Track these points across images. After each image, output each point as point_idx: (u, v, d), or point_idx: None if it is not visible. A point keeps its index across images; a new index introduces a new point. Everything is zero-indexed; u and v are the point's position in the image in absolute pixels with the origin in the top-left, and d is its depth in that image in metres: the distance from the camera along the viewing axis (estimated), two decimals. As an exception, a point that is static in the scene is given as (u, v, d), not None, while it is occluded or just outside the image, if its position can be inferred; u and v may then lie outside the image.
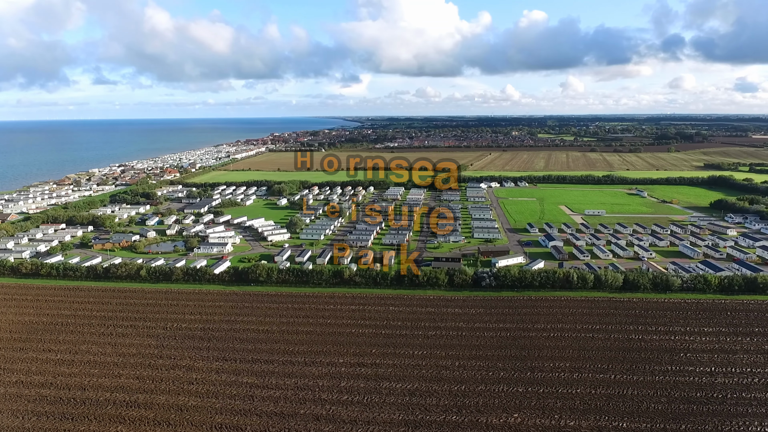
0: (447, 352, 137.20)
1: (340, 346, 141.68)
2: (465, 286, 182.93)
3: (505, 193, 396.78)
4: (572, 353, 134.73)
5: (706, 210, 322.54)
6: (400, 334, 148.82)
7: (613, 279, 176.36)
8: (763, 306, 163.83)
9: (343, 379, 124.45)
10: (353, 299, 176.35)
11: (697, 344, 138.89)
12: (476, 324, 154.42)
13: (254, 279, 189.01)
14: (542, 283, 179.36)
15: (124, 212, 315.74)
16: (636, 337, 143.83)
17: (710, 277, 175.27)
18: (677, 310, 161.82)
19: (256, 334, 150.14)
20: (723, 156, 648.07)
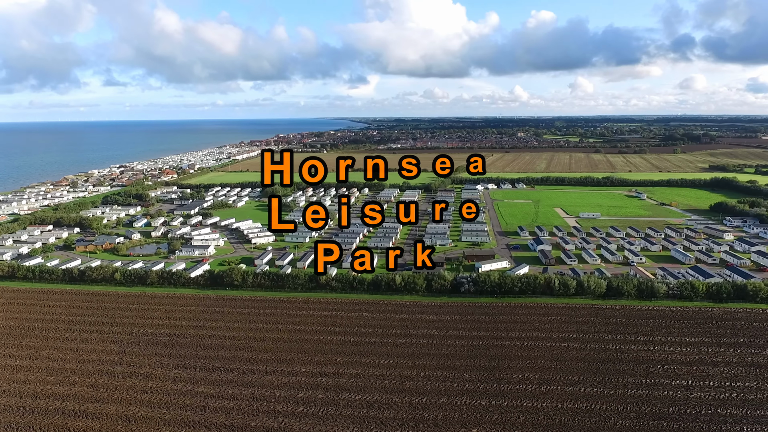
0: (414, 361, 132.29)
1: (305, 354, 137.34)
2: (443, 292, 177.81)
3: (501, 195, 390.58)
4: (544, 364, 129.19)
5: (706, 213, 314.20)
6: (369, 341, 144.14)
7: (596, 285, 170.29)
8: (751, 315, 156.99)
9: (302, 390, 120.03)
10: (328, 304, 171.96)
11: (676, 355, 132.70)
12: (449, 332, 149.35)
13: (229, 283, 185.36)
14: (522, 289, 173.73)
15: (114, 214, 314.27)
16: (613, 347, 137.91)
17: (698, 283, 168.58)
18: (661, 318, 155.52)
19: (221, 341, 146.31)
20: (730, 157, 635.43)
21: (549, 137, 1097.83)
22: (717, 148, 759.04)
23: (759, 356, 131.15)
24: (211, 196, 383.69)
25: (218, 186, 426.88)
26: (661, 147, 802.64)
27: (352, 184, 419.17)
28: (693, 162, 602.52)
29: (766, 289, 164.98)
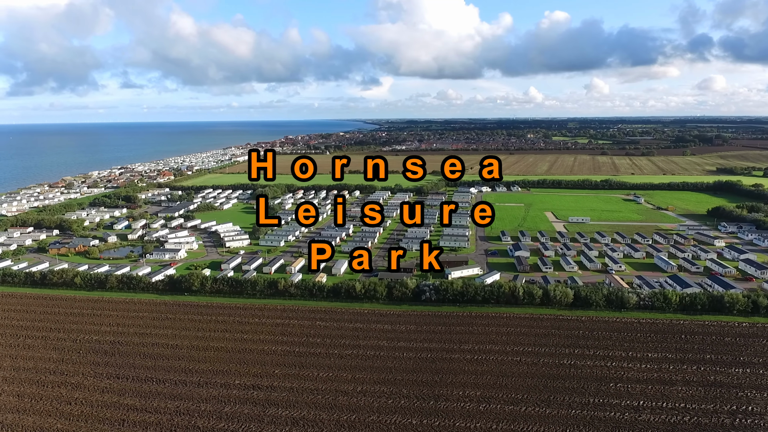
0: (354, 374, 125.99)
1: (244, 365, 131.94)
2: (405, 300, 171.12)
3: (493, 198, 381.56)
4: (489, 380, 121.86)
5: (702, 218, 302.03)
6: (314, 352, 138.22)
7: (563, 295, 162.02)
8: (725, 328, 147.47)
9: (229, 404, 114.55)
10: (283, 312, 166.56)
11: (633, 372, 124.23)
12: (400, 343, 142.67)
13: (188, 288, 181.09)
14: (486, 297, 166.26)
15: (98, 216, 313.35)
16: (568, 362, 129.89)
17: (671, 294, 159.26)
18: (627, 332, 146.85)
19: (163, 350, 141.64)
20: (740, 160, 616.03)
21: (558, 139, 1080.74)
22: (729, 150, 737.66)
23: (723, 375, 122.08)
24: (200, 198, 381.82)
25: (210, 188, 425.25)
26: (671, 149, 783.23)
27: (344, 186, 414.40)
28: (701, 164, 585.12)
29: (745, 301, 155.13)
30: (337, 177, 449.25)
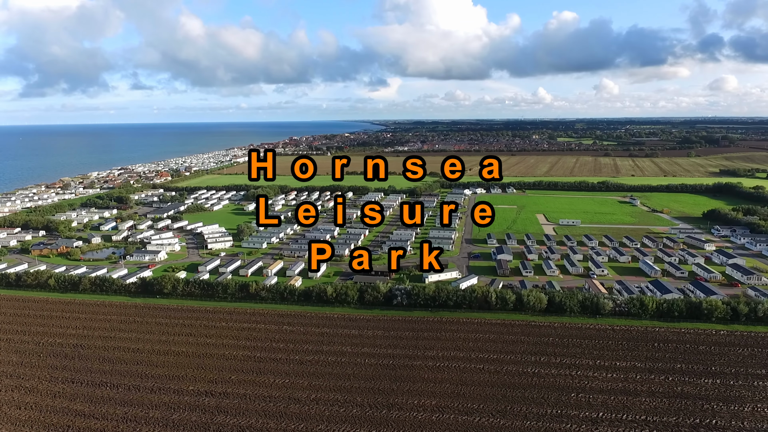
0: (311, 381, 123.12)
1: (201, 371, 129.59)
2: (376, 304, 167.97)
3: (487, 200, 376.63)
4: (447, 388, 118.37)
5: (697, 221, 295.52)
6: (275, 358, 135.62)
7: (536, 300, 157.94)
8: (700, 336, 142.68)
9: (179, 411, 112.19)
10: (251, 316, 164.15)
11: (598, 382, 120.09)
12: (364, 349, 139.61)
13: (159, 291, 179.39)
14: (458, 302, 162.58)
15: (87, 217, 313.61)
16: (532, 370, 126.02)
17: (647, 300, 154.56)
18: (598, 339, 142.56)
19: (124, 354, 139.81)
20: (746, 161, 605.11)
21: (563, 140, 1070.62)
22: (735, 152, 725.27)
23: (690, 386, 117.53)
24: (192, 199, 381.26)
25: (204, 189, 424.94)
26: (676, 150, 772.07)
27: (338, 187, 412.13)
28: (704, 166, 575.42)
29: (724, 308, 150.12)
30: (337, 177, 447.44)
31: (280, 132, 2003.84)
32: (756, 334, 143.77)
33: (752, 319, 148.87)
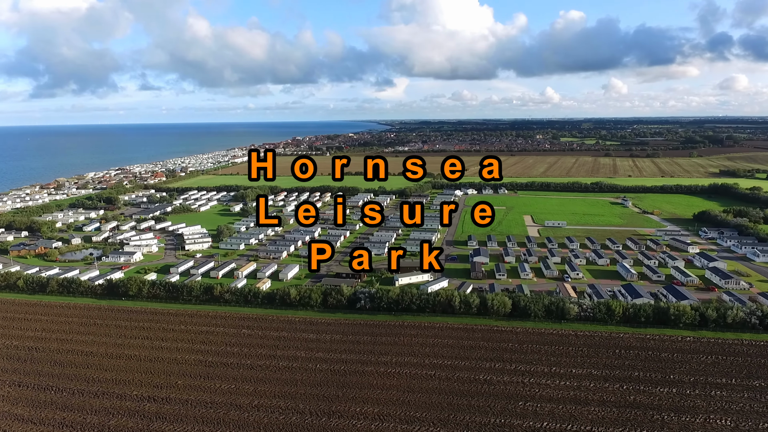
0: (257, 387, 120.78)
1: (149, 375, 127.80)
2: (340, 308, 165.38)
3: (476, 201, 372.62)
4: (394, 395, 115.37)
5: (687, 222, 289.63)
6: (227, 362, 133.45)
7: (500, 305, 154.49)
8: (665, 343, 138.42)
9: (117, 416, 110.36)
10: (213, 319, 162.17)
11: (549, 390, 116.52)
12: (318, 354, 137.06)
13: (125, 293, 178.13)
14: (421, 306, 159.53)
15: (72, 218, 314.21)
16: (485, 377, 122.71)
17: (614, 305, 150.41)
18: (559, 345, 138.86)
19: (76, 357, 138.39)
20: (748, 161, 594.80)
21: (566, 140, 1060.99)
22: (738, 152, 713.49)
23: (644, 395, 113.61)
24: (182, 200, 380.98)
25: (195, 190, 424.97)
26: (679, 150, 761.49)
27: (329, 188, 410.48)
28: (705, 166, 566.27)
29: (692, 314, 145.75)
30: (337, 177, 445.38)
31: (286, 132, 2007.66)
32: (723, 341, 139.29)
33: (721, 325, 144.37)
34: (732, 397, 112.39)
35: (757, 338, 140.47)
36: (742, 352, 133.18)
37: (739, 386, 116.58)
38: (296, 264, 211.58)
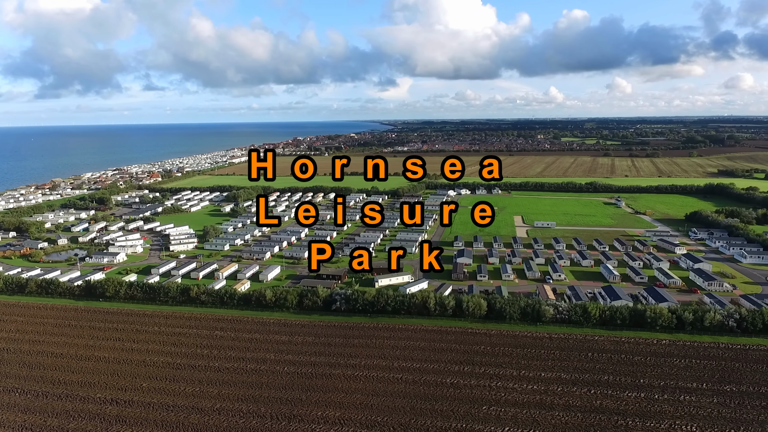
0: (221, 390, 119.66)
1: (115, 377, 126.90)
2: (315, 309, 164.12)
3: (468, 201, 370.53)
4: (358, 399, 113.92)
5: (679, 223, 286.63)
6: (195, 364, 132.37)
7: (475, 307, 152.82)
8: (639, 346, 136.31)
9: (77, 420, 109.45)
10: (187, 320, 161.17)
11: (515, 394, 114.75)
12: (288, 356, 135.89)
13: (102, 294, 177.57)
14: (396, 308, 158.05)
15: (61, 218, 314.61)
16: (451, 380, 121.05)
17: (590, 307, 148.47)
18: (532, 348, 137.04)
19: (45, 358, 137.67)
20: (748, 161, 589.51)
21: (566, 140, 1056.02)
22: (739, 152, 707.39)
23: (612, 399, 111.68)
24: (174, 200, 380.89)
25: (188, 190, 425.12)
26: (680, 150, 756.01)
27: (320, 188, 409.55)
28: (704, 166, 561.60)
29: (669, 317, 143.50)
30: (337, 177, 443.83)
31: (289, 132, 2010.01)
32: (699, 344, 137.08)
33: (698, 328, 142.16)
34: (701, 402, 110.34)
35: (734, 341, 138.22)
36: (717, 356, 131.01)
37: (710, 391, 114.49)
38: (278, 265, 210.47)
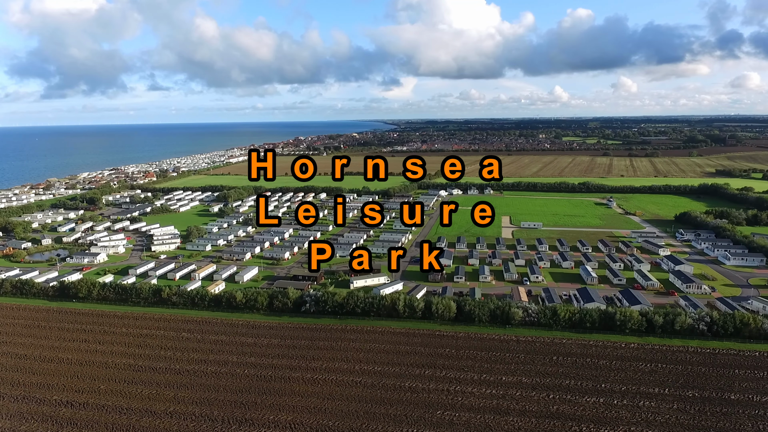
0: (177, 393, 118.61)
1: (75, 379, 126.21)
2: (285, 311, 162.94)
3: (461, 201, 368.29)
4: (312, 403, 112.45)
5: (668, 223, 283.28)
6: (156, 367, 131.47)
7: (444, 309, 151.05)
8: (606, 350, 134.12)
9: (29, 422, 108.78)
10: (156, 322, 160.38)
11: (473, 399, 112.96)
12: (251, 358, 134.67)
13: (75, 295, 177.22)
14: (365, 310, 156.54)
15: (49, 218, 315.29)
16: (409, 384, 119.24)
17: (560, 309, 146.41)
18: (498, 351, 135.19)
19: (9, 359, 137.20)
20: (748, 161, 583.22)
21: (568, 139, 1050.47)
22: (739, 151, 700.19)
23: (569, 405, 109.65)
24: (165, 200, 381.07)
25: (180, 190, 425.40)
26: (680, 149, 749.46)
27: (312, 188, 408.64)
28: (702, 166, 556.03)
29: (639, 320, 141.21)
30: (337, 177, 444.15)
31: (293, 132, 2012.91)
32: (668, 348, 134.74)
33: (668, 331, 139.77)
34: (660, 408, 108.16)
35: (704, 345, 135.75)
36: (684, 360, 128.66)
37: (671, 396, 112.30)
38: (256, 266, 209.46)
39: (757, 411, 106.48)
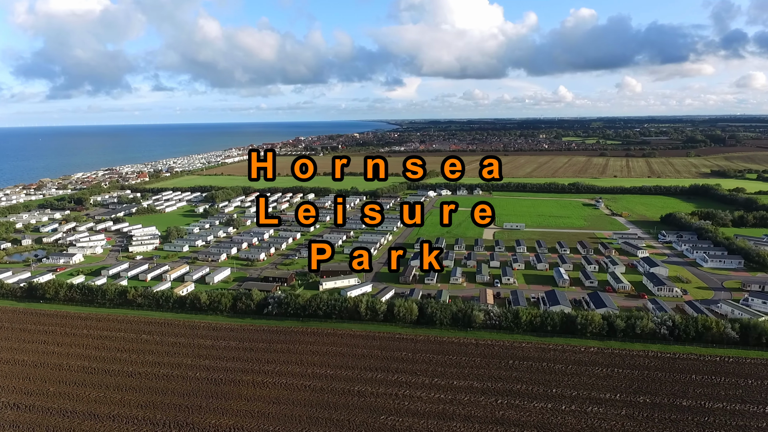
0: (125, 396, 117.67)
1: (26, 381, 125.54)
2: (249, 313, 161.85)
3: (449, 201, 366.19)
4: (257, 407, 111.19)
5: (654, 225, 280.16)
6: (109, 369, 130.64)
7: (406, 311, 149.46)
8: (564, 354, 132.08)
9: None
10: (118, 323, 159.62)
11: (419, 403, 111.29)
12: (205, 361, 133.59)
13: (42, 296, 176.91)
14: (327, 312, 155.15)
15: (34, 218, 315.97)
16: (359, 388, 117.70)
17: (522, 313, 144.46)
18: (454, 354, 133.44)
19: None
20: (746, 161, 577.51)
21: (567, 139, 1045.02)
22: (738, 151, 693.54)
23: (516, 410, 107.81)
24: (152, 200, 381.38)
25: (170, 190, 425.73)
26: (679, 150, 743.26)
27: (301, 189, 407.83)
28: (698, 166, 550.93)
29: (601, 323, 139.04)
30: (337, 177, 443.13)
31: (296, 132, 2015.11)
32: (628, 352, 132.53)
33: (630, 335, 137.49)
34: (607, 414, 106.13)
35: (665, 350, 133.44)
36: (642, 365, 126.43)
37: (621, 402, 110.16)
38: (228, 267, 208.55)
39: (707, 418, 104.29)
